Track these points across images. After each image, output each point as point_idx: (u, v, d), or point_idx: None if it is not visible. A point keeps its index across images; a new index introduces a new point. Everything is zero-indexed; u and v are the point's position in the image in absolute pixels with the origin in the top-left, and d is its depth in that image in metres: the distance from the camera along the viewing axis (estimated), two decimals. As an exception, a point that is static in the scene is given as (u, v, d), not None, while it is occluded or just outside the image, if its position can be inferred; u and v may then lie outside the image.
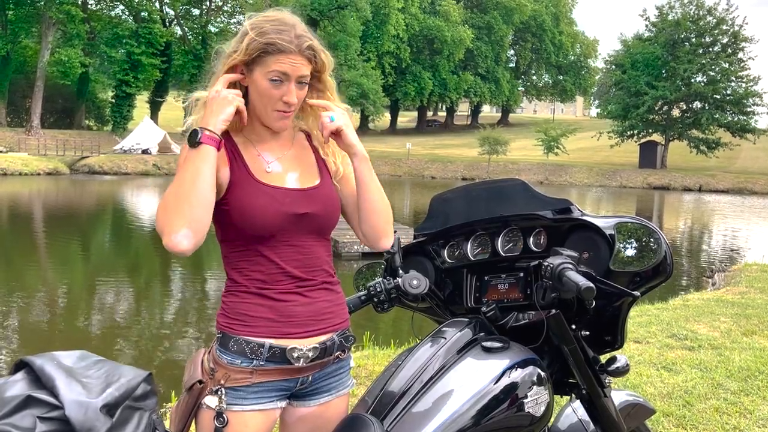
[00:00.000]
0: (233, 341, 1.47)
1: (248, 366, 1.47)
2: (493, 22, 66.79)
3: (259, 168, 1.54)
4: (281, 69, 1.47)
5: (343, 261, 12.07)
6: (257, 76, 1.49)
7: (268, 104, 1.50)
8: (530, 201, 1.81)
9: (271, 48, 1.47)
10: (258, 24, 1.50)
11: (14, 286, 10.00)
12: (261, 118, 1.54)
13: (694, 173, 43.35)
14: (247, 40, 1.48)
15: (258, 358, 1.48)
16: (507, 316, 1.80)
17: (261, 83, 1.49)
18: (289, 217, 1.51)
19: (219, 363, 1.48)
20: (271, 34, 1.48)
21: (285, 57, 1.47)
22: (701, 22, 47.14)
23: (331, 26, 45.30)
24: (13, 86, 49.16)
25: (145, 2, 51.68)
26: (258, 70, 1.49)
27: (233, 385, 1.47)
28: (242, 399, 1.48)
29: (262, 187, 1.51)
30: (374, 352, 4.94)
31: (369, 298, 1.85)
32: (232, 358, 1.47)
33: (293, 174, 1.57)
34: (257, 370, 1.48)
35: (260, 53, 1.47)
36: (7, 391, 1.21)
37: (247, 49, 1.48)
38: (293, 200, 1.52)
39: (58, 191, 28.47)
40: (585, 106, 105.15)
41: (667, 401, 3.79)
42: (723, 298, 7.11)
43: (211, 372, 1.48)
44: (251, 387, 1.48)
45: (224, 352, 1.48)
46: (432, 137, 64.85)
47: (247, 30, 1.49)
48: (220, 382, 1.46)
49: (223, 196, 1.49)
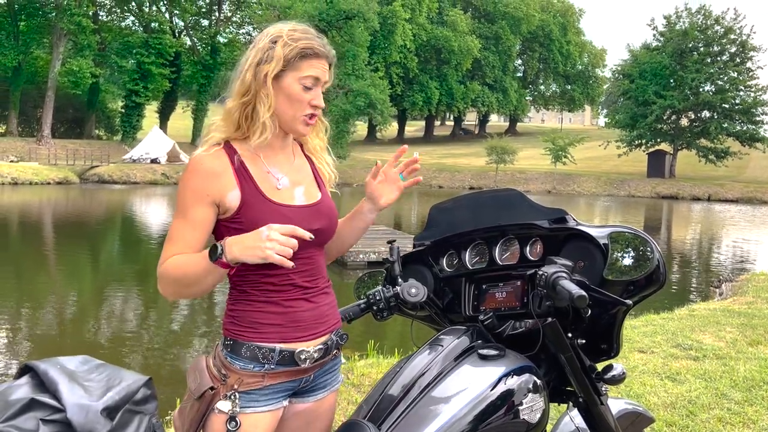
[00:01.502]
0: (245, 347, 1.52)
1: (260, 370, 1.53)
2: (500, 32, 66.92)
3: (269, 186, 1.57)
4: (315, 74, 1.53)
5: (348, 270, 12.09)
6: (288, 82, 1.52)
7: (299, 110, 1.55)
8: (526, 211, 1.83)
9: (308, 52, 1.52)
10: (288, 32, 1.53)
11: (24, 293, 10.09)
12: (287, 125, 1.58)
13: (703, 183, 43.12)
14: (283, 46, 1.51)
15: (269, 362, 1.54)
16: (504, 324, 1.82)
17: (293, 88, 1.53)
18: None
19: (231, 369, 1.52)
20: (304, 39, 1.53)
21: (318, 62, 1.55)
22: (709, 31, 47.06)
23: (339, 36, 45.49)
24: (25, 96, 49.69)
25: (155, 13, 52.22)
26: (290, 75, 1.52)
27: (246, 389, 1.52)
28: (255, 401, 1.53)
29: (275, 207, 1.54)
30: (378, 360, 4.95)
31: (368, 306, 1.87)
32: (245, 363, 1.52)
33: (300, 188, 1.62)
34: (268, 373, 1.54)
35: (297, 58, 1.51)
36: (12, 394, 1.25)
37: (286, 56, 1.51)
38: (304, 218, 1.57)
39: (68, 200, 28.67)
40: (593, 116, 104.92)
41: (671, 411, 3.78)
42: (729, 308, 7.08)
43: (222, 378, 1.52)
44: (263, 390, 1.54)
45: (236, 358, 1.53)
46: (439, 147, 64.88)
47: (279, 37, 1.52)
48: (234, 386, 1.51)
49: (234, 215, 1.53)
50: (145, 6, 53.19)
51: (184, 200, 1.53)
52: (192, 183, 1.52)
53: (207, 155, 1.54)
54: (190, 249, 1.52)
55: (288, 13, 45.90)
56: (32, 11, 47.48)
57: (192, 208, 1.52)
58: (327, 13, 43.67)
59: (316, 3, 44.40)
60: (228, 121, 1.57)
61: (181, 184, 1.54)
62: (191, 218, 1.52)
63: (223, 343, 1.56)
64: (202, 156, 1.54)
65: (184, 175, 1.54)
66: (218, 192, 1.52)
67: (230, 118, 1.57)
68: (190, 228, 1.52)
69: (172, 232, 1.54)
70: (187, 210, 1.52)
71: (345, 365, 4.79)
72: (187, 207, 1.52)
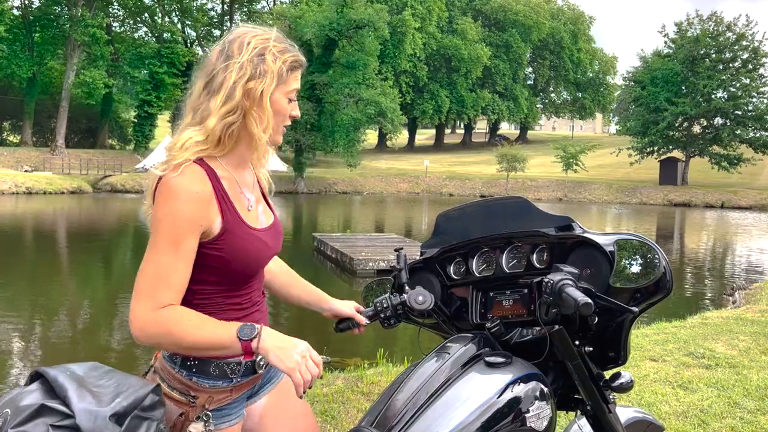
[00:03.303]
0: (213, 365, 1.49)
1: (229, 385, 1.53)
2: (511, 41, 66.98)
3: (243, 209, 1.52)
4: (297, 86, 1.49)
5: (357, 278, 12.09)
6: (277, 96, 1.46)
7: (281, 121, 1.50)
8: (533, 218, 1.83)
9: (295, 65, 1.47)
10: (273, 45, 1.45)
11: (36, 301, 10.17)
12: (270, 138, 1.50)
13: (716, 190, 42.79)
14: (274, 61, 1.43)
15: (236, 376, 1.54)
16: (511, 331, 1.82)
17: (280, 102, 1.47)
18: (269, 256, 1.60)
19: (199, 389, 1.49)
20: (290, 52, 1.46)
21: (299, 73, 1.50)
22: (721, 38, 46.83)
23: (350, 46, 45.68)
24: (39, 107, 50.33)
25: (167, 24, 52.74)
26: (280, 89, 1.45)
27: (217, 405, 1.51)
28: (227, 416, 1.54)
29: (252, 232, 1.50)
30: (387, 368, 4.95)
31: (376, 314, 1.87)
32: (214, 381, 1.51)
33: (260, 206, 1.61)
34: (235, 386, 1.55)
35: (286, 72, 1.46)
36: (23, 400, 1.27)
37: (280, 71, 1.44)
38: (271, 239, 1.58)
39: (81, 209, 28.92)
40: (604, 123, 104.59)
41: (683, 420, 3.75)
42: (743, 316, 7.01)
43: (190, 401, 1.48)
44: (232, 403, 1.55)
45: (204, 377, 1.49)
46: (450, 154, 64.90)
47: (265, 49, 1.43)
48: (204, 406, 1.49)
49: (213, 240, 1.44)
50: (158, 17, 53.77)
51: (175, 231, 1.38)
52: (185, 211, 1.38)
53: (194, 180, 1.40)
54: (183, 288, 1.41)
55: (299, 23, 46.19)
56: (47, 23, 48.16)
57: (185, 240, 1.39)
58: (337, 22, 43.85)
59: (326, 13, 44.61)
60: (210, 139, 1.44)
61: (170, 214, 1.38)
62: (184, 251, 1.39)
63: (180, 364, 1.48)
64: (190, 181, 1.40)
65: (173, 204, 1.38)
66: (208, 219, 1.42)
67: (213, 137, 1.44)
68: (183, 263, 1.39)
69: (160, 269, 1.37)
70: (179, 242, 1.38)
71: (355, 374, 4.79)
72: (180, 239, 1.38)
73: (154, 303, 1.38)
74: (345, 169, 46.56)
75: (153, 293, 1.38)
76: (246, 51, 1.42)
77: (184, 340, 1.36)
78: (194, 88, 1.50)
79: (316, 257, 15.18)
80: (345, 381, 4.54)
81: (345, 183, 46.41)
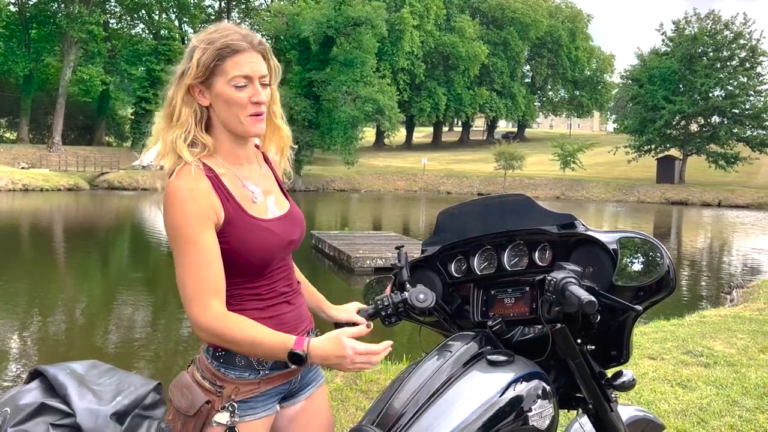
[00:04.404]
0: (239, 356, 1.50)
1: (256, 377, 1.52)
2: (509, 39, 66.96)
3: (247, 201, 1.54)
4: (242, 72, 1.45)
5: (355, 275, 12.09)
6: (219, 87, 1.46)
7: (240, 112, 1.47)
8: (535, 216, 1.82)
9: (225, 51, 1.44)
10: (204, 38, 1.46)
11: (34, 299, 10.15)
12: (236, 130, 1.50)
13: (713, 188, 42.86)
14: (198, 53, 1.44)
15: (264, 368, 1.53)
16: (513, 330, 1.81)
17: (225, 92, 1.46)
18: (282, 246, 1.58)
19: (226, 379, 1.50)
20: (220, 40, 1.45)
21: (241, 57, 1.45)
22: (718, 36, 46.90)
23: (347, 43, 45.64)
24: (36, 104, 50.20)
25: (164, 21, 52.62)
26: (219, 80, 1.45)
27: (243, 397, 1.51)
28: (252, 409, 1.53)
29: (257, 222, 1.52)
30: (386, 366, 4.94)
31: (377, 312, 1.86)
32: (240, 372, 1.51)
33: (271, 198, 1.61)
34: (264, 379, 1.54)
35: (216, 61, 1.44)
36: (22, 398, 1.26)
37: (201, 62, 1.44)
38: (283, 229, 1.57)
39: (78, 206, 28.87)
40: (602, 121, 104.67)
41: (682, 418, 3.75)
42: (741, 314, 7.02)
43: (217, 390, 1.49)
44: (259, 396, 1.54)
45: (230, 367, 1.51)
46: (447, 152, 64.90)
47: (195, 45, 1.46)
48: (231, 397, 1.49)
49: (218, 234, 1.47)
50: (155, 14, 53.66)
51: (188, 231, 1.42)
52: (190, 210, 1.42)
53: (189, 179, 1.44)
54: (221, 282, 1.45)
55: (296, 20, 46.14)
56: (43, 19, 48.02)
57: (201, 236, 1.43)
58: (335, 20, 43.80)
59: (324, 10, 44.56)
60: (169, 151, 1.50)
61: (177, 217, 1.42)
62: (204, 247, 1.43)
63: (212, 355, 1.52)
64: (187, 181, 1.44)
65: (177, 206, 1.42)
66: (214, 213, 1.45)
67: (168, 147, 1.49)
68: (209, 257, 1.43)
69: (191, 272, 1.42)
70: (196, 240, 1.42)
71: (353, 371, 4.78)
72: (195, 236, 1.42)
73: (203, 307, 1.43)
74: (342, 166, 46.55)
75: (198, 298, 1.43)
76: (185, 56, 1.48)
77: (243, 344, 1.44)
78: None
79: (314, 255, 15.17)
80: (343, 379, 4.54)
81: (342, 181, 46.39)
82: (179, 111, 1.49)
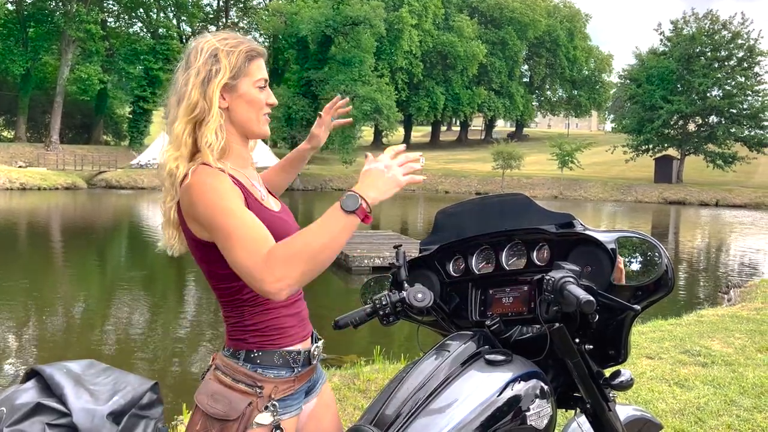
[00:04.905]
0: (277, 355, 1.52)
1: (291, 375, 1.55)
2: (507, 38, 66.98)
3: (259, 197, 1.58)
4: (264, 75, 1.56)
5: (352, 275, 12.08)
6: (244, 88, 1.52)
7: (259, 111, 1.55)
8: (533, 215, 1.82)
9: (252, 54, 1.53)
10: (222, 42, 1.52)
11: (31, 298, 10.13)
12: (251, 129, 1.56)
13: (711, 188, 42.93)
14: (225, 56, 1.49)
15: (297, 365, 1.56)
16: (511, 329, 1.81)
17: (250, 93, 1.53)
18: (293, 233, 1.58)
19: (264, 379, 1.50)
20: (243, 44, 1.54)
21: (261, 61, 1.57)
22: (716, 36, 46.97)
23: (346, 42, 45.65)
24: (33, 102, 50.10)
25: (162, 19, 52.54)
26: (244, 81, 1.52)
27: (282, 395, 1.52)
28: (289, 407, 1.54)
29: (274, 214, 1.57)
30: (384, 366, 4.94)
31: (374, 311, 1.86)
32: (278, 370, 1.52)
33: (271, 197, 1.67)
34: (297, 376, 1.56)
35: (244, 64, 1.52)
36: (18, 398, 1.25)
37: (233, 63, 1.50)
38: (291, 219, 1.64)
39: (76, 205, 28.82)
40: (600, 121, 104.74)
41: (679, 417, 3.76)
42: (738, 314, 7.03)
43: (258, 391, 1.49)
44: (294, 394, 1.56)
45: (269, 367, 1.51)
46: (445, 152, 64.93)
47: (217, 48, 1.50)
48: (271, 396, 1.50)
49: None
50: (153, 12, 53.57)
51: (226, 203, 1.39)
52: (220, 187, 1.41)
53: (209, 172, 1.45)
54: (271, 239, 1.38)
55: (294, 19, 46.11)
56: (41, 18, 47.94)
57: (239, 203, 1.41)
58: (334, 19, 43.80)
59: (322, 9, 44.56)
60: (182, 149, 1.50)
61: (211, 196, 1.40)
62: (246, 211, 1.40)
63: (244, 358, 1.51)
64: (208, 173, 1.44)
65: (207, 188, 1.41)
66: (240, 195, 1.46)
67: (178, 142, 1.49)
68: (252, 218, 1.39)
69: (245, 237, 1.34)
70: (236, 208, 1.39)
71: (351, 371, 4.78)
72: (234, 204, 1.39)
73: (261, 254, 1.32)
74: (341, 165, 46.53)
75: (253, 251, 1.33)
76: (201, 56, 1.51)
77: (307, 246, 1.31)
78: (169, 107, 1.56)
79: (312, 254, 15.14)
80: (341, 378, 4.53)
81: (341, 180, 46.35)
82: (212, 111, 1.48)
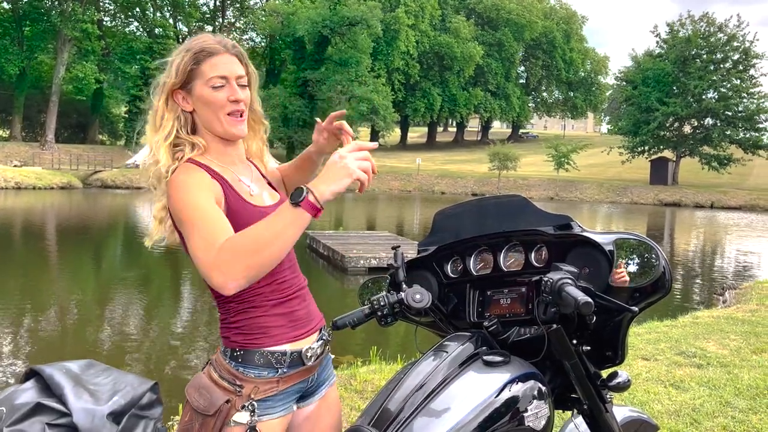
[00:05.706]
0: (258, 355, 1.51)
1: (274, 375, 1.53)
2: (503, 39, 67.11)
3: (246, 194, 1.57)
4: (219, 73, 1.51)
5: (349, 275, 12.07)
6: (199, 90, 1.51)
7: (219, 110, 1.52)
8: (531, 217, 1.82)
9: (201, 55, 1.51)
10: (181, 47, 1.55)
11: (28, 298, 10.09)
12: (216, 130, 1.54)
13: (706, 190, 43.08)
14: (177, 60, 1.52)
15: (282, 366, 1.54)
16: (509, 330, 1.81)
17: (204, 93, 1.51)
18: None
19: (245, 378, 1.50)
20: (196, 45, 1.53)
21: (217, 59, 1.51)
22: (712, 38, 47.16)
23: (343, 43, 45.65)
24: (29, 101, 49.94)
25: (159, 19, 52.44)
26: (198, 83, 1.51)
27: (262, 396, 1.51)
28: (271, 408, 1.53)
29: (257, 209, 1.54)
30: (381, 366, 4.94)
31: (372, 312, 1.86)
32: (259, 370, 1.51)
33: (266, 192, 1.65)
34: (282, 377, 1.54)
35: (193, 65, 1.50)
36: (18, 398, 1.25)
37: (179, 67, 1.51)
38: None
39: (71, 205, 28.74)
40: (596, 123, 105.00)
41: (675, 419, 3.77)
42: (733, 315, 7.06)
43: (237, 389, 1.50)
44: (278, 395, 1.54)
45: (249, 366, 1.51)
46: (442, 153, 64.98)
47: (174, 56, 1.54)
48: (250, 396, 1.49)
49: None
50: (149, 12, 53.46)
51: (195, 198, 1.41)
52: (193, 183, 1.44)
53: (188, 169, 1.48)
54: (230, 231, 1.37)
55: (291, 19, 46.08)
56: (37, 17, 47.77)
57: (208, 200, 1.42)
58: (330, 19, 43.79)
59: (319, 9, 44.55)
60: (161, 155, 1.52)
61: (184, 191, 1.42)
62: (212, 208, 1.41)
63: (230, 356, 1.53)
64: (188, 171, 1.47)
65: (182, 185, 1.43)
66: (217, 192, 1.47)
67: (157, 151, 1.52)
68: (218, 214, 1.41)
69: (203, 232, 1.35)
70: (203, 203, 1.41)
71: (348, 371, 4.78)
72: (202, 200, 1.41)
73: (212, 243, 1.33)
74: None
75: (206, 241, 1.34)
76: (167, 67, 1.55)
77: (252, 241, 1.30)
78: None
79: (308, 254, 15.15)
80: (338, 379, 4.52)
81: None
82: (161, 116, 1.53)
